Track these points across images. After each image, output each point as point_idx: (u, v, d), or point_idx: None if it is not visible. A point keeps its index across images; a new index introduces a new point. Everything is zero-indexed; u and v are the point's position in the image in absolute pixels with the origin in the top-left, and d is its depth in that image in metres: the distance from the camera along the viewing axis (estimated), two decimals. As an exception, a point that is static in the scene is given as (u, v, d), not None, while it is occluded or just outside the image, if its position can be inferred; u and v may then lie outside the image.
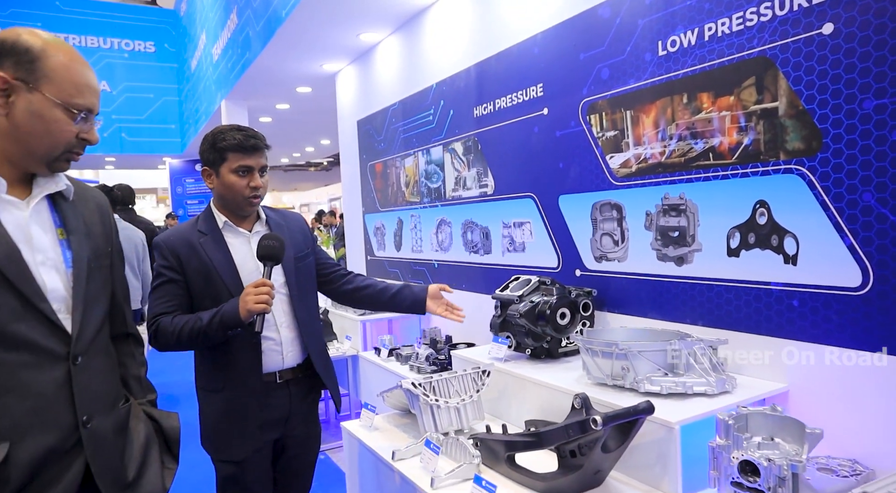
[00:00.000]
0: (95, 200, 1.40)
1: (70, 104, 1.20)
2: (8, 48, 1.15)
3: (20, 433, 1.10)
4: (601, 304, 2.61)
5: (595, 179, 2.61)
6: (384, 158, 4.63)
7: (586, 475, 1.66)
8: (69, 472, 1.16)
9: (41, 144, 1.19)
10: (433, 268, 4.05)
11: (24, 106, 1.16)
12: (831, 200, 1.78)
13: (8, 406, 1.09)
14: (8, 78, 1.14)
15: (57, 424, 1.15)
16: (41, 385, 1.14)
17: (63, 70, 1.19)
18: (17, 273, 1.12)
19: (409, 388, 2.10)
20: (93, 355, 1.24)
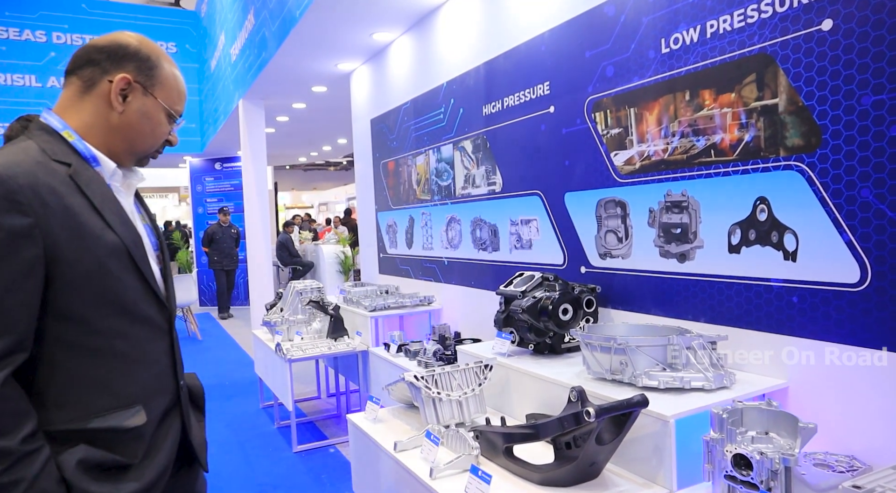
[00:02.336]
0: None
1: (173, 109, 1.35)
2: (132, 53, 1.28)
3: (147, 396, 1.27)
4: (605, 300, 2.62)
5: (600, 177, 2.63)
6: (396, 157, 4.68)
7: (581, 466, 1.68)
8: (174, 425, 1.36)
9: (144, 141, 1.33)
10: (443, 265, 4.09)
11: (137, 106, 1.29)
12: (830, 197, 1.79)
13: (138, 374, 1.26)
14: (137, 81, 1.28)
15: (168, 387, 1.34)
16: (157, 355, 1.31)
17: (172, 79, 1.34)
18: (141, 258, 1.26)
19: (411, 381, 2.14)
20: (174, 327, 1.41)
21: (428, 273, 4.32)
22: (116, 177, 1.29)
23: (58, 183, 1.15)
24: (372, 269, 5.37)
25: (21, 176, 1.09)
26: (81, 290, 1.15)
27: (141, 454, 1.24)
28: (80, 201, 1.17)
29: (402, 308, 4.16)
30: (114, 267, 1.20)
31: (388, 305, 4.13)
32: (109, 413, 1.20)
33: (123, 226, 1.24)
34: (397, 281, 4.82)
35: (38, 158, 1.16)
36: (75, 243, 1.14)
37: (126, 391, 1.23)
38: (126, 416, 1.21)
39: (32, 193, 1.09)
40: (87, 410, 1.18)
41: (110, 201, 1.23)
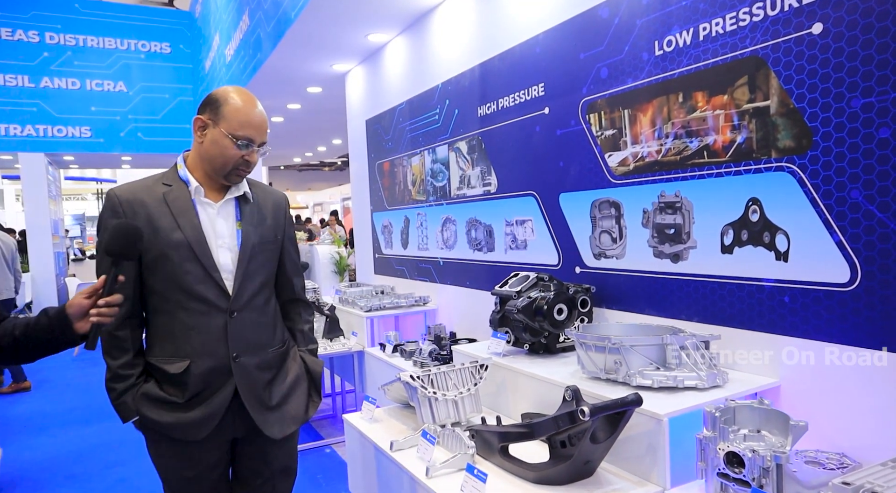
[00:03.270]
0: (275, 201, 1.91)
1: (235, 135, 1.70)
2: (210, 100, 1.74)
3: (196, 355, 1.70)
4: (600, 300, 2.65)
5: (594, 178, 2.65)
6: (392, 157, 4.69)
7: (576, 465, 1.70)
8: (224, 389, 1.72)
9: (217, 163, 1.73)
10: (439, 266, 4.10)
11: (209, 137, 1.73)
12: (821, 198, 1.81)
13: (191, 338, 1.70)
14: (205, 120, 1.73)
15: (217, 354, 1.72)
16: (209, 327, 1.71)
17: (234, 112, 1.71)
18: (201, 251, 1.70)
19: (407, 381, 2.15)
20: (247, 312, 1.76)
21: (423, 273, 4.33)
22: (199, 192, 1.75)
23: (150, 198, 1.70)
24: (367, 269, 5.38)
25: (123, 194, 1.71)
26: (155, 271, 1.68)
27: (186, 397, 1.68)
28: (163, 210, 1.69)
29: (397, 308, 4.17)
30: (175, 257, 1.67)
31: (384, 305, 4.15)
32: (168, 360, 1.70)
33: (191, 227, 1.69)
34: (393, 281, 4.83)
35: (150, 183, 1.75)
36: (151, 239, 1.65)
37: (182, 348, 1.70)
38: (174, 364, 1.69)
39: (128, 205, 1.69)
40: (161, 352, 1.72)
41: (187, 208, 1.72)
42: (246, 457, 1.85)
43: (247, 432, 1.79)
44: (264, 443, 1.82)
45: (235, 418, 1.75)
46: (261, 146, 1.76)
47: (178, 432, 1.69)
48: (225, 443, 1.80)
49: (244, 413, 1.75)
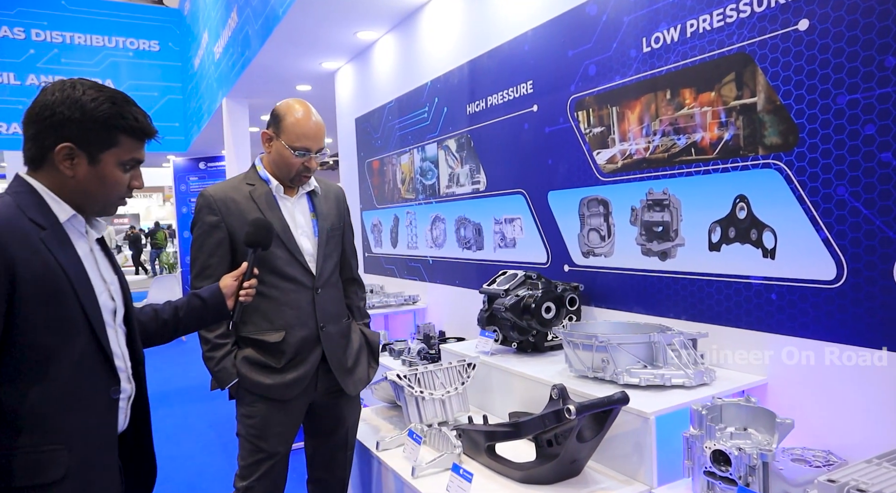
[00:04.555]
0: (335, 192, 2.20)
1: (293, 147, 1.96)
2: (273, 115, 2.02)
3: (290, 327, 1.98)
4: (588, 299, 2.64)
5: (582, 175, 2.64)
6: (381, 156, 4.67)
7: (563, 464, 1.69)
8: (314, 353, 2.01)
9: (282, 169, 2.01)
10: (428, 264, 4.09)
11: (274, 149, 2.00)
12: (807, 194, 1.81)
13: (285, 312, 1.97)
14: (270, 133, 2.00)
15: (308, 325, 2.00)
16: (300, 302, 2.00)
17: (291, 126, 1.97)
18: (287, 238, 1.99)
19: (394, 380, 2.13)
20: (327, 288, 2.07)
21: (413, 272, 4.31)
22: (279, 190, 2.03)
23: (239, 196, 1.99)
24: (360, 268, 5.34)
25: (216, 194, 2.00)
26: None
27: (283, 363, 1.96)
28: (251, 205, 1.98)
29: (386, 307, 4.15)
30: None
31: (373, 304, 4.12)
32: (265, 332, 1.97)
33: (277, 219, 1.97)
34: (382, 280, 4.81)
35: (235, 183, 2.04)
36: (243, 230, 1.86)
37: (277, 321, 1.97)
38: (272, 335, 1.96)
39: (221, 203, 1.98)
40: (255, 327, 1.98)
41: (271, 204, 2.00)
42: (326, 416, 2.12)
43: (324, 393, 2.07)
44: (339, 402, 2.11)
45: (319, 380, 2.04)
46: (318, 152, 2.01)
47: (275, 392, 1.96)
48: (306, 403, 2.06)
49: (327, 376, 2.05)
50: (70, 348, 1.19)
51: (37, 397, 1.14)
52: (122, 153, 1.29)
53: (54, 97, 1.23)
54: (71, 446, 1.17)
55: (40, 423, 1.14)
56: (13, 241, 1.13)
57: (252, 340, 1.98)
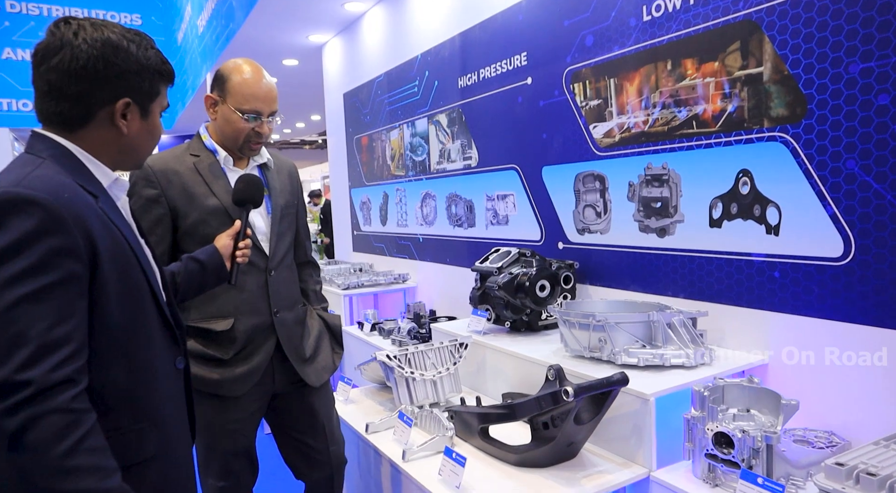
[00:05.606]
0: (288, 168, 2.01)
1: (241, 110, 1.76)
2: (217, 77, 1.80)
3: (240, 313, 1.78)
4: (583, 276, 2.57)
5: (578, 150, 2.55)
6: (370, 132, 4.55)
7: (559, 446, 1.63)
8: (268, 342, 1.82)
9: (230, 137, 1.80)
10: (418, 242, 4.00)
11: (220, 114, 1.79)
12: (815, 168, 1.74)
13: (234, 297, 1.77)
14: (215, 97, 1.80)
15: (260, 311, 1.81)
16: (251, 285, 1.80)
17: (238, 86, 1.76)
18: (236, 216, 1.68)
19: (384, 360, 2.06)
20: (281, 270, 1.87)
21: (403, 250, 4.23)
22: (227, 161, 1.82)
23: (182, 168, 1.77)
24: (346, 247, 5.26)
25: (155, 164, 1.76)
26: (193, 236, 1.74)
27: (231, 354, 1.76)
28: (195, 178, 1.76)
29: (376, 286, 4.08)
30: (213, 222, 1.73)
31: (362, 283, 4.05)
32: (211, 320, 1.77)
33: (226, 194, 1.75)
34: (371, 259, 4.72)
35: (178, 153, 1.81)
36: (187, 206, 1.73)
37: (225, 307, 1.77)
38: (219, 323, 1.76)
39: (161, 174, 1.75)
40: (199, 314, 1.77)
41: (218, 176, 1.79)
42: (294, 410, 1.94)
43: (285, 386, 1.89)
44: (304, 392, 1.93)
45: (276, 372, 1.86)
46: (270, 116, 1.81)
47: (223, 388, 1.77)
48: (265, 397, 1.88)
49: (284, 367, 1.87)
50: (143, 322, 1.12)
51: (122, 376, 1.08)
52: (162, 101, 1.20)
53: (91, 48, 1.06)
54: (157, 422, 1.13)
55: (127, 402, 1.08)
56: (85, 210, 1.02)
57: (196, 329, 1.77)
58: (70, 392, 0.92)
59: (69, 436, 0.91)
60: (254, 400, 1.84)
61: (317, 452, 1.96)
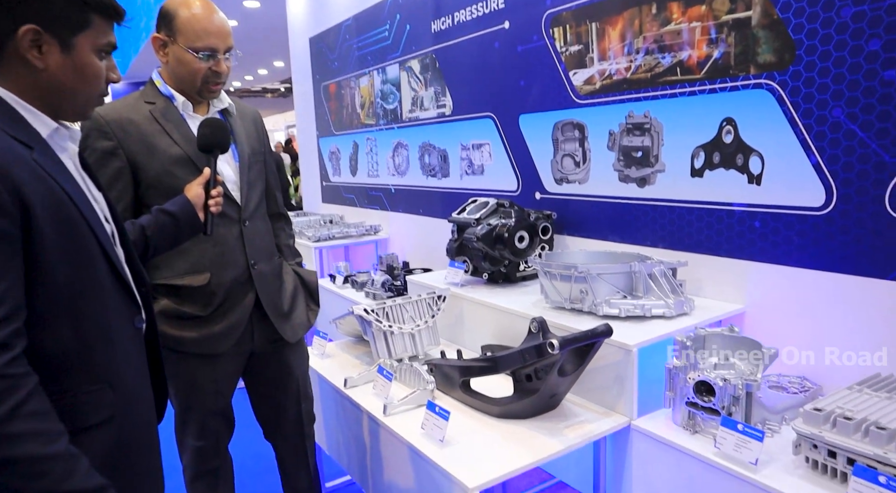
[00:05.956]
0: (251, 114, 1.89)
1: (195, 48, 1.61)
2: (163, 15, 1.63)
3: (216, 267, 1.69)
4: (561, 227, 2.54)
5: (557, 97, 2.48)
6: (338, 78, 4.38)
7: (542, 398, 1.63)
8: (247, 297, 1.75)
9: (186, 80, 1.65)
10: (390, 193, 3.92)
11: (172, 55, 1.64)
12: (800, 117, 1.71)
13: (208, 250, 1.68)
14: (163, 38, 1.64)
15: (237, 264, 1.73)
16: (225, 237, 1.70)
17: (188, 23, 1.60)
18: (201, 164, 1.60)
19: (361, 314, 2.02)
20: (255, 221, 1.78)
21: (374, 201, 4.15)
22: (186, 107, 1.68)
23: (138, 117, 1.63)
24: (315, 198, 5.13)
25: (108, 114, 1.61)
26: (158, 190, 1.61)
27: (210, 311, 1.67)
28: (154, 127, 1.63)
29: (347, 238, 4.00)
30: (178, 172, 1.62)
31: (333, 235, 3.97)
32: (185, 276, 1.67)
33: (189, 143, 1.63)
34: (342, 210, 4.63)
35: (131, 101, 1.66)
36: (148, 157, 1.61)
37: (199, 261, 1.67)
38: (194, 278, 1.67)
39: (116, 125, 1.61)
40: (171, 271, 1.66)
41: (179, 123, 1.66)
42: (271, 368, 1.88)
43: (264, 345, 1.82)
44: (284, 351, 1.87)
45: (255, 328, 1.78)
46: (227, 52, 1.67)
47: (204, 346, 1.69)
48: (243, 356, 1.81)
49: (263, 323, 1.79)
50: (93, 280, 1.04)
51: (71, 337, 1.00)
52: (97, 36, 1.06)
53: None
54: (113, 383, 1.06)
55: (79, 364, 1.02)
56: (13, 162, 0.92)
57: (168, 287, 1.66)
58: (5, 356, 0.85)
59: (6, 402, 0.84)
60: (233, 359, 1.78)
61: (287, 410, 1.93)
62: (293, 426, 1.95)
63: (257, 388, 1.92)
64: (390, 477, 1.75)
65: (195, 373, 1.72)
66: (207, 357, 1.71)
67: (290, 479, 2.03)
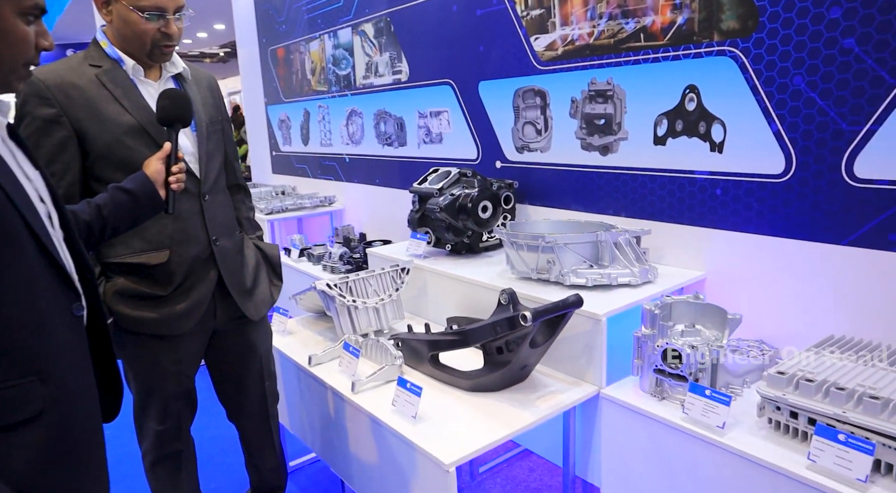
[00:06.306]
0: (207, 80, 1.78)
1: (140, 7, 1.49)
2: None
3: (176, 243, 1.61)
4: (522, 196, 2.53)
5: (518, 64, 2.44)
6: (287, 43, 4.20)
7: (513, 371, 1.63)
8: (209, 274, 1.67)
9: (134, 42, 1.53)
10: (344, 163, 3.82)
11: (116, 14, 1.51)
12: (762, 85, 1.72)
13: (167, 226, 1.59)
14: None
15: (198, 240, 1.65)
16: (185, 212, 1.61)
17: None
18: (157, 133, 1.53)
19: (323, 289, 1.96)
20: (215, 194, 1.70)
21: (327, 172, 4.03)
22: (136, 71, 1.57)
23: (83, 81, 1.50)
24: (264, 168, 4.96)
25: (49, 78, 1.48)
26: (108, 161, 1.52)
27: (171, 290, 1.60)
28: (101, 93, 1.51)
29: (300, 210, 3.89)
30: (129, 142, 1.52)
31: (286, 207, 3.85)
32: (143, 253, 1.58)
33: (140, 109, 1.53)
34: (293, 181, 4.49)
35: (74, 64, 1.53)
36: (96, 125, 1.50)
37: (157, 238, 1.59)
38: (153, 256, 1.58)
39: (58, 90, 1.48)
40: (128, 248, 1.58)
41: (129, 89, 1.54)
42: (233, 347, 1.82)
43: (226, 323, 1.76)
44: (246, 329, 1.81)
45: (217, 306, 1.72)
46: (178, 12, 1.54)
47: (165, 327, 1.61)
48: (206, 335, 1.75)
49: (226, 301, 1.72)
50: (19, 267, 0.95)
51: None
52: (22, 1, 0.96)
53: None
54: (44, 376, 0.97)
55: (1, 354, 0.93)
56: None
57: (126, 265, 1.58)
58: None
59: None
60: (195, 339, 1.71)
61: (251, 389, 1.88)
62: (257, 405, 1.90)
63: (220, 367, 1.86)
64: (360, 455, 1.72)
65: (157, 355, 1.65)
66: (169, 338, 1.63)
67: (254, 459, 1.99)
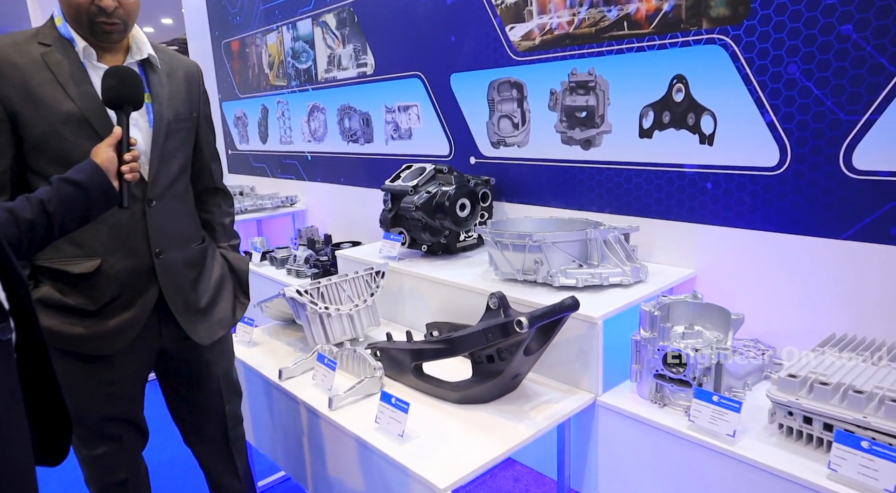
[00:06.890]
0: (185, 70, 1.56)
1: None
2: None
3: (108, 253, 1.41)
4: (499, 194, 2.42)
5: (492, 55, 2.32)
6: (241, 35, 3.99)
7: (504, 380, 1.51)
8: (148, 291, 1.46)
9: (70, 15, 1.34)
10: (306, 161, 3.64)
11: None
12: (754, 74, 1.65)
13: (100, 232, 1.40)
14: None
15: (136, 251, 1.44)
16: (121, 218, 1.41)
17: None
18: (101, 126, 1.34)
19: (293, 296, 1.81)
20: (166, 201, 1.48)
21: (288, 170, 3.85)
22: (89, 54, 1.37)
23: (25, 60, 1.33)
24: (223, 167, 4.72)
25: None
26: (42, 152, 1.35)
27: (100, 304, 1.40)
28: (45, 75, 1.33)
29: (260, 211, 3.70)
30: (67, 133, 1.34)
31: (245, 208, 3.65)
32: (70, 260, 1.39)
33: (87, 97, 1.34)
34: (252, 181, 4.28)
35: (20, 40, 1.35)
36: (32, 111, 1.32)
37: (88, 244, 1.40)
38: (80, 264, 1.39)
39: None
40: (56, 252, 1.39)
41: (78, 74, 1.35)
42: (185, 369, 1.61)
43: (174, 342, 1.55)
44: (198, 350, 1.59)
45: (161, 325, 1.51)
46: None
47: (92, 345, 1.41)
48: (149, 352, 1.54)
49: (170, 321, 1.51)
50: None
51: None
52: None
53: None
54: None
55: None
56: None
57: (51, 270, 1.40)
58: None
59: None
60: (134, 358, 1.50)
61: (208, 412, 1.67)
62: (216, 430, 1.70)
63: (172, 388, 1.66)
64: (341, 478, 1.58)
65: (84, 375, 1.44)
66: (97, 357, 1.44)
67: (215, 482, 1.81)
